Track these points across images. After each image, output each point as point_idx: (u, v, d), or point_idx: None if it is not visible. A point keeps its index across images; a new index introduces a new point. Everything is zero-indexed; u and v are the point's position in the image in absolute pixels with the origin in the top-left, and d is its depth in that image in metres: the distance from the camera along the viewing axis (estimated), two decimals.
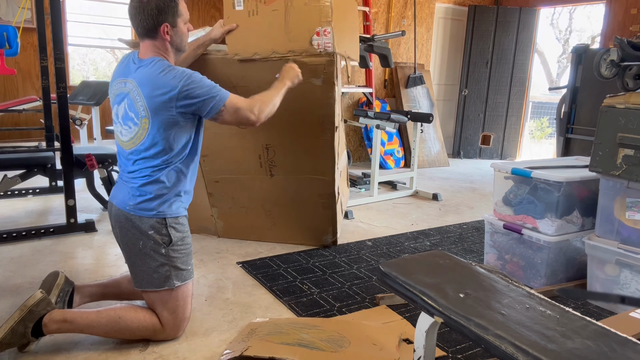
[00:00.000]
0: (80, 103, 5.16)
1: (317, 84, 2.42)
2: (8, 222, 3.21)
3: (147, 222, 1.78)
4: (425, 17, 6.31)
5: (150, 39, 1.78)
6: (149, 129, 1.75)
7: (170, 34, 1.78)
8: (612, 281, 2.31)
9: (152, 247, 1.78)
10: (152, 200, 1.79)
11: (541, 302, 1.40)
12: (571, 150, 4.69)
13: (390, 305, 2.26)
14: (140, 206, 1.79)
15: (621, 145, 2.18)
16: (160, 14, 1.74)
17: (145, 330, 1.82)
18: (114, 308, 1.82)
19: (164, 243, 1.79)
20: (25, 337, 1.69)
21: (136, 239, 1.79)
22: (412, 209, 4.00)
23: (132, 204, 1.79)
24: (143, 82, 1.74)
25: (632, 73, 2.71)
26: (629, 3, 5.37)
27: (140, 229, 1.78)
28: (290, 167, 2.75)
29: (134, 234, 1.79)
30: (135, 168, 1.82)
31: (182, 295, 1.85)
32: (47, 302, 1.74)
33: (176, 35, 1.81)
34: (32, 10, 6.10)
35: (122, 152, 1.87)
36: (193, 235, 3.13)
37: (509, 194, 2.65)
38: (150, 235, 1.78)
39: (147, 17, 1.73)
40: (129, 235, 1.81)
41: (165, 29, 1.76)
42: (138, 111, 1.75)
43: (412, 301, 1.49)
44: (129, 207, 1.79)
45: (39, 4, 3.33)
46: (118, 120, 1.84)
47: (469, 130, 6.73)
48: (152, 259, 1.79)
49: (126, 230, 1.81)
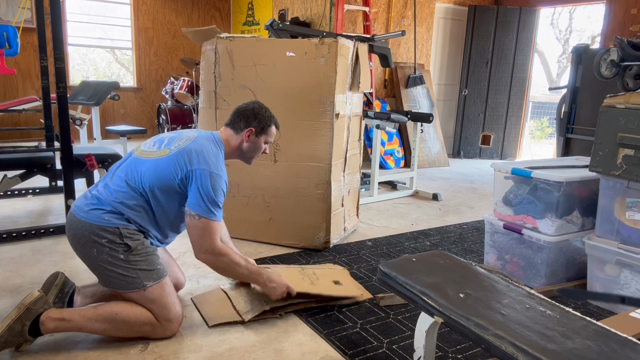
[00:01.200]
0: (80, 103, 5.16)
1: (321, 64, 2.74)
2: (8, 222, 3.21)
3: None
4: (425, 17, 6.31)
5: (232, 130, 2.05)
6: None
7: (250, 139, 2.05)
8: (612, 281, 2.31)
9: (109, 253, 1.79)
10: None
11: (541, 302, 1.40)
12: (571, 150, 4.69)
13: (390, 305, 2.26)
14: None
15: (621, 145, 2.18)
16: (255, 119, 2.05)
17: (143, 325, 1.83)
18: (111, 304, 1.83)
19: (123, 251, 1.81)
20: (22, 335, 1.70)
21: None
22: (412, 209, 4.00)
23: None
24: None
25: (632, 73, 2.71)
26: (629, 3, 5.37)
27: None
28: (292, 153, 2.87)
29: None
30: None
31: (159, 293, 1.84)
32: (45, 300, 1.75)
33: (251, 143, 2.07)
34: (32, 10, 6.10)
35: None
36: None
37: (509, 194, 2.65)
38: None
39: (247, 115, 2.04)
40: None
41: (249, 132, 2.04)
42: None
43: (412, 301, 1.49)
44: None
45: (39, 4, 3.33)
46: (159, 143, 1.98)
47: (469, 130, 6.73)
48: (113, 265, 1.80)
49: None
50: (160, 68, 7.45)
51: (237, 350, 1.85)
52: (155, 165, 1.87)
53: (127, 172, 1.89)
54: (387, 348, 1.91)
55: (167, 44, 7.45)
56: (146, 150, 1.95)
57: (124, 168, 1.92)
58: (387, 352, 1.88)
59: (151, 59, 7.35)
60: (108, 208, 1.82)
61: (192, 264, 2.63)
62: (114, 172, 1.94)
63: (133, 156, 1.96)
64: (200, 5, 7.65)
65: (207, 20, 7.75)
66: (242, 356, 1.82)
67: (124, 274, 1.80)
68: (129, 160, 1.95)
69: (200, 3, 7.64)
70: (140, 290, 1.81)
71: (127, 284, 1.80)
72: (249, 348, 1.87)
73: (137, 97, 7.36)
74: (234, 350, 1.86)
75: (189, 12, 7.56)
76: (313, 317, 2.12)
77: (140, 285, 1.81)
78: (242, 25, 7.64)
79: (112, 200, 1.83)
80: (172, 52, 7.50)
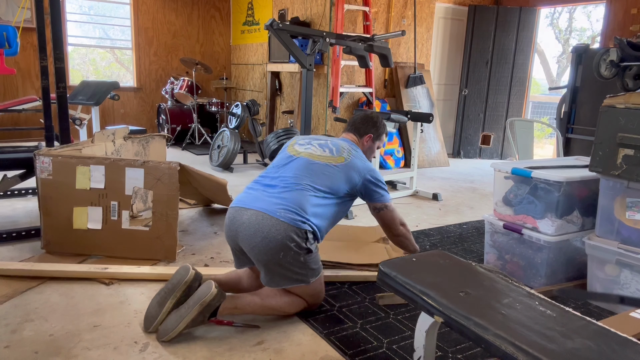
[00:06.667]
0: (80, 103, 5.16)
1: None
2: (8, 222, 3.21)
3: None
4: (425, 17, 6.31)
5: (355, 134, 2.42)
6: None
7: (368, 143, 2.42)
8: (612, 281, 2.31)
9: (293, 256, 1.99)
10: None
11: (541, 302, 1.40)
12: (571, 150, 4.69)
13: (390, 305, 2.26)
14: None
15: (621, 145, 2.18)
16: (373, 127, 2.43)
17: (295, 311, 2.11)
18: (270, 298, 2.05)
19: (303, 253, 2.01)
20: (203, 322, 1.93)
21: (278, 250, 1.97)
22: (412, 209, 3.99)
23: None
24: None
25: (632, 73, 2.71)
26: (629, 3, 5.37)
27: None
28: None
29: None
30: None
31: (317, 286, 2.10)
32: (221, 294, 1.94)
33: (369, 146, 2.44)
34: (32, 10, 6.10)
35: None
36: (189, 231, 3.12)
37: (509, 194, 2.65)
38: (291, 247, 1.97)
39: (368, 123, 2.42)
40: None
41: (369, 137, 2.41)
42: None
43: (412, 301, 1.48)
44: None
45: (39, 4, 3.32)
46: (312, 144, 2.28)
47: (469, 130, 6.73)
48: (293, 266, 2.00)
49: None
50: (160, 68, 7.45)
51: (237, 350, 1.85)
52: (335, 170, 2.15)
53: (296, 173, 2.11)
54: (387, 348, 1.91)
55: (167, 43, 7.45)
56: (315, 154, 2.19)
57: (295, 169, 2.13)
58: (387, 352, 1.88)
59: (151, 59, 7.35)
60: (299, 211, 2.00)
61: None
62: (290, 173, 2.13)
63: (301, 157, 2.18)
64: (200, 5, 7.65)
65: (207, 20, 7.76)
66: (242, 356, 1.82)
67: (298, 272, 2.00)
68: (298, 161, 2.16)
69: (200, 3, 7.64)
70: (303, 285, 2.04)
71: (294, 281, 2.02)
72: (249, 348, 1.87)
73: (137, 97, 7.36)
74: (234, 350, 1.86)
75: (188, 12, 7.56)
76: (313, 317, 2.12)
77: (306, 282, 2.04)
78: (241, 25, 7.64)
79: (299, 204, 2.02)
80: (172, 52, 7.50)
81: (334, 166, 2.14)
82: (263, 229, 1.94)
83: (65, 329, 1.95)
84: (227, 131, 5.32)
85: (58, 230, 2.63)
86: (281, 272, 1.99)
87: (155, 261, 2.62)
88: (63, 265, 2.45)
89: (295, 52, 3.93)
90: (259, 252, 1.96)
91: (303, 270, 2.01)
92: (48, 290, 2.27)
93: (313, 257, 2.04)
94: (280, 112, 6.66)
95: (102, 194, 2.61)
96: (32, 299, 2.18)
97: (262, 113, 7.00)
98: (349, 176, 2.14)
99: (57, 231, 2.63)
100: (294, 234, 1.94)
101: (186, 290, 1.95)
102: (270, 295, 2.05)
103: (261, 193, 2.08)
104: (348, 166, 2.16)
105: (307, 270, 2.02)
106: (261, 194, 2.07)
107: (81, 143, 3.06)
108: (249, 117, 5.52)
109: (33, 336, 1.89)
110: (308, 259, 2.01)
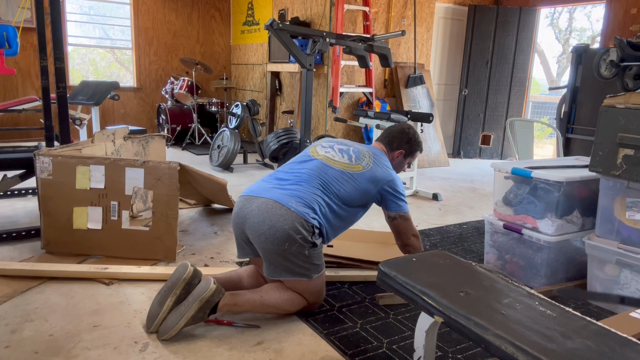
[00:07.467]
0: (80, 103, 5.16)
1: None
2: (8, 222, 3.21)
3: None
4: (425, 17, 6.31)
5: (387, 147, 2.37)
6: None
7: (399, 158, 2.38)
8: (612, 281, 2.31)
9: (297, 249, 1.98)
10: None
11: (541, 302, 1.40)
12: (571, 150, 4.69)
13: (390, 305, 2.26)
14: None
15: (621, 145, 2.18)
16: (407, 144, 2.38)
17: (295, 310, 2.10)
18: (270, 296, 2.04)
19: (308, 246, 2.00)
20: (202, 319, 1.94)
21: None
22: (412, 209, 3.99)
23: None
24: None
25: (632, 73, 2.71)
26: (629, 3, 5.37)
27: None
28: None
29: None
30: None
31: (318, 283, 2.08)
32: (220, 290, 1.94)
33: (399, 161, 2.39)
34: (32, 10, 6.10)
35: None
36: (189, 231, 3.13)
37: (509, 194, 2.65)
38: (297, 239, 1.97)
39: (403, 139, 2.37)
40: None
41: (400, 153, 2.37)
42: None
43: (412, 301, 1.48)
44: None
45: (39, 4, 3.32)
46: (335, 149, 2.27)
47: (469, 130, 6.73)
48: (296, 258, 1.99)
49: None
50: (160, 68, 7.45)
51: (237, 350, 1.85)
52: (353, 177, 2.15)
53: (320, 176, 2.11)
54: (387, 348, 1.91)
55: (167, 43, 7.45)
56: (334, 159, 2.19)
57: (314, 171, 2.13)
58: (387, 352, 1.88)
59: (151, 59, 7.35)
60: (309, 206, 2.01)
61: None
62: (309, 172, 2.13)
63: (320, 161, 2.18)
64: (200, 5, 7.65)
65: (207, 20, 7.76)
66: (242, 356, 1.82)
67: (302, 265, 2.00)
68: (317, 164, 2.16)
69: (200, 3, 7.64)
70: (304, 280, 2.03)
71: (296, 274, 2.01)
72: (249, 348, 1.87)
73: (137, 97, 7.36)
74: (234, 350, 1.86)
75: (188, 12, 7.56)
76: (313, 317, 2.12)
77: (308, 277, 2.03)
78: (241, 25, 7.64)
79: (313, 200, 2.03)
80: (172, 52, 7.50)
81: (349, 174, 2.13)
82: (272, 218, 1.94)
83: (65, 329, 1.95)
84: (227, 131, 5.32)
85: (58, 230, 2.63)
86: (284, 264, 1.99)
87: (155, 261, 2.62)
88: (63, 265, 2.45)
89: (295, 52, 3.93)
90: (264, 241, 1.96)
91: (306, 265, 2.00)
92: (48, 290, 2.27)
93: (317, 252, 2.03)
94: (280, 112, 6.66)
95: (102, 194, 2.61)
96: (32, 299, 2.18)
97: (262, 113, 7.01)
98: (362, 186, 2.13)
99: (57, 231, 2.63)
100: (301, 226, 1.94)
101: (185, 287, 1.95)
102: (271, 293, 2.05)
103: (273, 184, 2.10)
104: (364, 176, 2.14)
105: (310, 265, 2.01)
106: (273, 185, 2.09)
107: (81, 143, 3.06)
108: (249, 117, 5.53)
109: (33, 336, 1.89)
110: (312, 253, 2.00)
